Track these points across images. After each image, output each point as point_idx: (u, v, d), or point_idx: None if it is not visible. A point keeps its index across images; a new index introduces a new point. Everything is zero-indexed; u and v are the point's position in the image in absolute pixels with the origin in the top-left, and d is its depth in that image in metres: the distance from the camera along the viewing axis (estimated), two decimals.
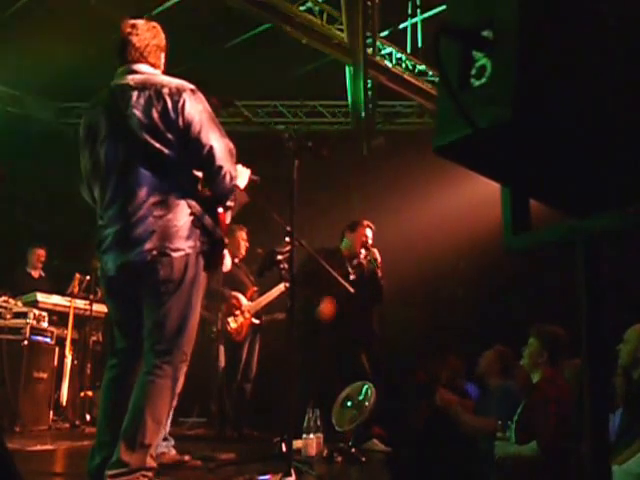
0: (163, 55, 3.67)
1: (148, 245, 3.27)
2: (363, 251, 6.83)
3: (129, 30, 3.55)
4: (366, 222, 7.00)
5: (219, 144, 3.41)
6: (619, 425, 3.79)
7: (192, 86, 3.46)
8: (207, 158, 3.39)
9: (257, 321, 7.18)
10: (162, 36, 3.67)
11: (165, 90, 3.36)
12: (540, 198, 1.50)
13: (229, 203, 3.56)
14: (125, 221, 3.32)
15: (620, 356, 3.95)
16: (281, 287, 6.88)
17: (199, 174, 3.50)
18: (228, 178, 3.45)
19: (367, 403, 5.98)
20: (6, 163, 8.70)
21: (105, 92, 3.51)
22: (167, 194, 3.34)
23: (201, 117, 3.38)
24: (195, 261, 3.38)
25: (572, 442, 3.91)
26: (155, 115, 3.33)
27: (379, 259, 6.74)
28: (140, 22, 3.61)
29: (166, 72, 3.63)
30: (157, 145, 3.33)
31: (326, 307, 6.49)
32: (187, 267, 3.33)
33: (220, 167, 3.40)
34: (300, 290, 6.78)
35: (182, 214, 3.34)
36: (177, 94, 3.36)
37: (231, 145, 3.50)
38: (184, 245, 3.32)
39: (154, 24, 3.67)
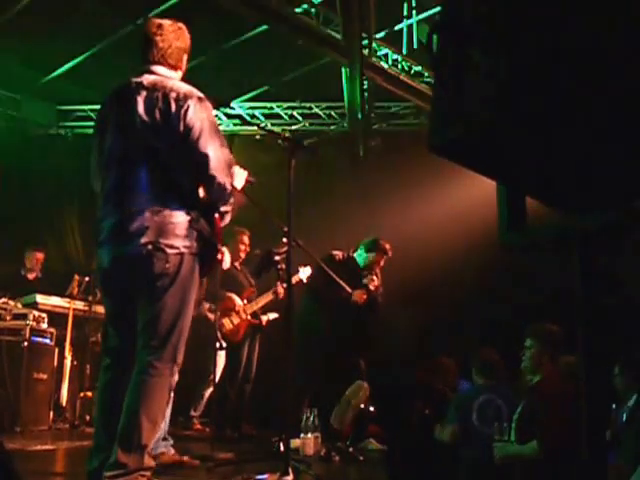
0: (186, 56, 3.72)
1: (143, 239, 3.29)
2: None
3: (154, 30, 3.61)
4: (386, 246, 7.03)
5: (215, 153, 3.41)
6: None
7: (200, 94, 3.49)
8: (201, 165, 3.40)
9: (256, 320, 7.19)
10: (186, 37, 3.72)
11: (172, 94, 3.41)
12: (536, 195, 1.49)
13: (225, 208, 3.56)
14: (121, 215, 3.36)
15: None
16: (278, 289, 6.93)
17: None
18: (221, 188, 3.45)
19: (355, 399, 6.01)
20: (6, 165, 8.69)
21: (120, 87, 3.57)
22: (165, 192, 3.37)
23: (202, 125, 3.40)
24: (190, 261, 3.39)
25: (574, 442, 3.91)
26: (157, 116, 3.38)
27: (373, 285, 6.83)
28: (166, 22, 3.67)
29: None
30: (156, 144, 3.38)
31: (359, 295, 6.62)
32: (182, 264, 3.34)
33: (212, 176, 3.41)
34: (307, 294, 6.86)
35: (179, 213, 3.36)
36: (183, 99, 3.40)
37: (229, 157, 3.51)
38: (179, 243, 3.33)
39: (180, 25, 3.71)
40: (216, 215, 3.56)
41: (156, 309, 3.34)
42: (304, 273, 6.96)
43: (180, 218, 3.36)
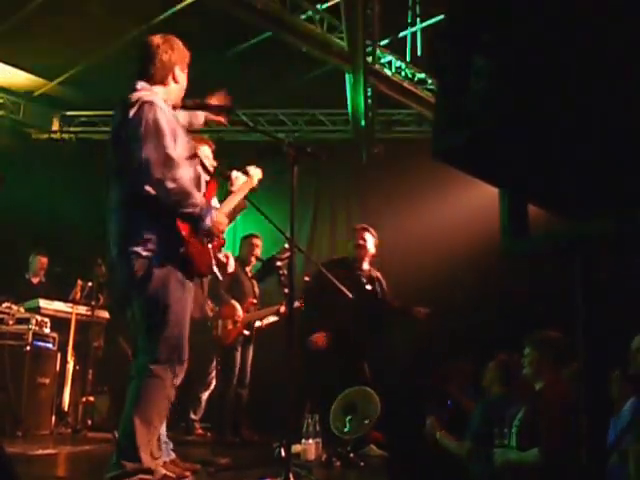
0: (178, 68, 3.74)
1: (115, 249, 3.48)
2: (366, 265, 6.89)
3: (141, 48, 3.72)
4: (359, 225, 7.09)
5: (154, 155, 3.39)
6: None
7: (148, 99, 3.49)
8: (143, 171, 3.39)
9: (247, 332, 7.22)
10: (175, 49, 3.74)
11: (124, 105, 3.48)
12: (538, 202, 1.49)
13: (186, 210, 3.51)
14: (107, 226, 3.56)
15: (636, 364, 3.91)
16: (281, 308, 6.99)
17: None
18: (169, 185, 3.40)
19: (374, 416, 6.00)
20: (8, 168, 8.70)
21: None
22: (128, 201, 3.48)
23: (140, 129, 3.40)
24: (160, 265, 3.42)
25: (575, 448, 3.88)
26: (114, 128, 3.55)
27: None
28: (155, 38, 3.73)
29: None
30: (118, 155, 3.52)
31: (318, 338, 6.56)
32: (151, 268, 3.40)
33: (159, 179, 3.39)
34: (309, 299, 6.86)
35: (141, 220, 3.44)
36: (130, 106, 3.46)
37: (168, 152, 3.43)
38: (140, 249, 3.40)
39: (168, 38, 3.75)
40: (179, 219, 3.52)
41: (140, 314, 3.49)
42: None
43: (141, 224, 3.44)
